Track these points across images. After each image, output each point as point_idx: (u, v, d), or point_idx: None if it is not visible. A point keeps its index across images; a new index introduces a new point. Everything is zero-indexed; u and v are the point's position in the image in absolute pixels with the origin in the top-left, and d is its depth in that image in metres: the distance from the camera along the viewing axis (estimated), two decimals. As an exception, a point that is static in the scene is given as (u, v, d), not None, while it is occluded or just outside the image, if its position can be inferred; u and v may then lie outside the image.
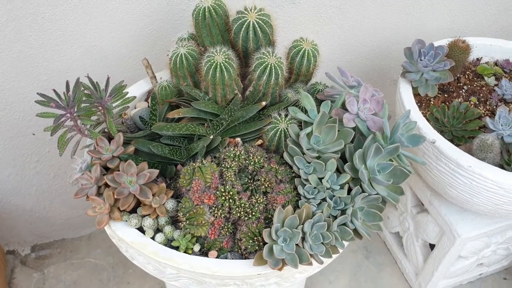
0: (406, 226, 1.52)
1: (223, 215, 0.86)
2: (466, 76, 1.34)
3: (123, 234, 0.87)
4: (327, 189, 0.89)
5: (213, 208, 0.86)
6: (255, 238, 0.86)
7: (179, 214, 0.87)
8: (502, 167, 1.09)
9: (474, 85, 1.31)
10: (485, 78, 1.33)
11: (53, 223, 1.60)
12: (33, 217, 1.55)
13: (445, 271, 1.45)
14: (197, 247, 0.87)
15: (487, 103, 1.26)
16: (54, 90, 0.88)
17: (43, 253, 1.61)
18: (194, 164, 0.87)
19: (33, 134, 1.33)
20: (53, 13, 1.12)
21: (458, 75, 1.33)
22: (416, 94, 1.25)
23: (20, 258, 1.59)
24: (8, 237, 1.58)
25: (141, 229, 0.89)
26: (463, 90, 1.29)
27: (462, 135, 1.17)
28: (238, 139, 0.97)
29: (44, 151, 1.38)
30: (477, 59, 1.40)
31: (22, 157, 1.37)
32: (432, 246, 1.47)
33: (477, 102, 1.26)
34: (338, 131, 0.92)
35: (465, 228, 1.30)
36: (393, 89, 1.50)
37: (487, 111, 1.24)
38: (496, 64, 1.40)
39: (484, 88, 1.30)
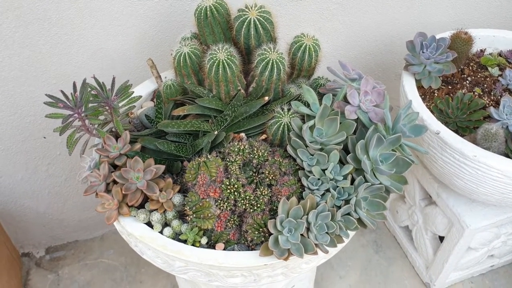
0: (415, 220, 1.52)
1: (228, 208, 0.88)
2: (470, 68, 1.34)
3: (132, 229, 0.90)
4: (331, 180, 0.90)
5: (219, 201, 0.88)
6: (261, 229, 0.87)
7: (186, 208, 0.89)
8: (507, 156, 1.09)
9: (478, 76, 1.31)
10: (489, 68, 1.33)
11: (66, 225, 1.62)
12: (47, 220, 1.58)
13: (455, 263, 1.45)
14: (204, 240, 0.89)
15: (491, 93, 1.26)
16: (62, 91, 0.91)
17: (57, 255, 1.64)
18: (199, 159, 0.89)
19: (44, 138, 1.36)
20: (59, 18, 1.15)
21: (461, 67, 1.33)
22: (419, 87, 1.26)
23: (35, 260, 1.62)
24: (22, 240, 1.61)
25: (149, 224, 0.91)
26: (467, 82, 1.30)
27: (466, 125, 1.18)
28: (243, 134, 0.99)
29: (55, 154, 1.41)
30: (481, 50, 1.40)
31: (34, 160, 1.40)
32: (441, 239, 1.47)
33: (481, 93, 1.26)
34: (340, 123, 0.93)
35: (473, 219, 1.31)
36: (398, 83, 1.51)
37: (491, 101, 1.24)
38: (500, 54, 1.40)
39: (488, 79, 1.30)
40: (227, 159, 0.92)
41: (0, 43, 1.14)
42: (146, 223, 0.91)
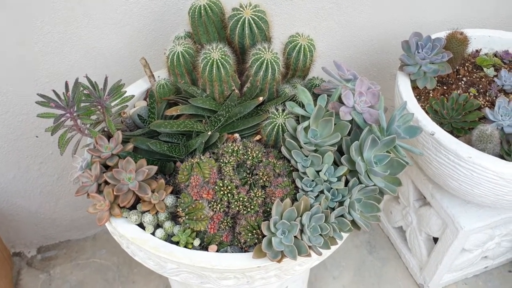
0: (409, 220, 1.52)
1: (222, 210, 0.87)
2: (465, 68, 1.34)
3: (124, 230, 0.89)
4: (325, 181, 0.89)
5: (212, 203, 0.87)
6: (254, 231, 0.86)
7: (178, 210, 0.88)
8: (502, 157, 1.09)
9: (474, 77, 1.31)
10: (484, 69, 1.33)
11: (58, 224, 1.61)
12: (39, 219, 1.56)
13: (449, 264, 1.45)
14: (197, 242, 0.88)
15: (487, 94, 1.26)
16: (54, 91, 0.89)
17: (49, 254, 1.62)
18: (193, 160, 0.88)
19: (36, 137, 1.34)
20: (52, 17, 1.14)
21: (457, 67, 1.33)
22: (415, 87, 1.25)
23: (26, 259, 1.61)
24: (14, 239, 1.60)
25: (141, 225, 0.90)
26: (462, 82, 1.29)
27: (461, 126, 1.17)
28: (237, 135, 0.98)
29: (48, 153, 1.40)
30: (476, 50, 1.40)
31: (26, 159, 1.38)
32: (435, 240, 1.47)
33: (477, 94, 1.26)
34: (335, 124, 0.92)
35: (468, 221, 1.30)
36: (393, 83, 1.50)
37: (486, 102, 1.24)
38: (495, 55, 1.40)
39: (483, 79, 1.30)
40: (221, 160, 0.91)
41: (-9, 41, 1.12)
42: (138, 225, 0.90)
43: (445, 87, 1.28)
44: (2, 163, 1.37)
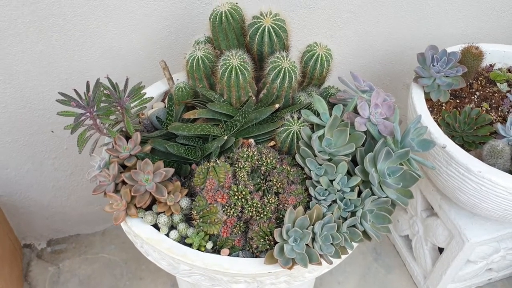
0: (416, 230, 1.53)
1: (235, 214, 0.89)
2: (479, 82, 1.35)
3: (139, 230, 0.90)
4: (338, 191, 0.91)
5: (226, 207, 0.89)
6: (266, 237, 0.88)
7: (193, 212, 0.90)
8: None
9: (487, 91, 1.32)
10: (498, 84, 1.34)
11: (69, 218, 1.63)
12: (50, 212, 1.59)
13: (454, 275, 1.46)
14: (209, 245, 0.90)
15: (499, 109, 1.27)
16: (75, 90, 0.91)
17: (59, 248, 1.65)
18: (208, 164, 0.90)
19: (52, 132, 1.36)
20: (74, 15, 1.15)
21: (470, 81, 1.34)
22: (428, 99, 1.26)
23: (36, 252, 1.63)
24: (25, 231, 1.62)
25: (156, 226, 0.92)
26: (475, 96, 1.30)
27: (472, 140, 1.18)
28: (251, 140, 0.99)
29: (62, 148, 1.42)
30: (490, 65, 1.41)
31: (40, 153, 1.41)
32: (441, 250, 1.48)
33: (489, 108, 1.27)
34: (350, 134, 0.94)
35: (474, 233, 1.31)
36: (406, 93, 1.51)
37: (498, 117, 1.25)
38: (509, 70, 1.40)
39: (496, 95, 1.31)
40: (236, 165, 0.92)
41: (14, 37, 1.14)
42: (152, 225, 0.92)
43: (458, 101, 1.29)
44: (17, 156, 1.39)
